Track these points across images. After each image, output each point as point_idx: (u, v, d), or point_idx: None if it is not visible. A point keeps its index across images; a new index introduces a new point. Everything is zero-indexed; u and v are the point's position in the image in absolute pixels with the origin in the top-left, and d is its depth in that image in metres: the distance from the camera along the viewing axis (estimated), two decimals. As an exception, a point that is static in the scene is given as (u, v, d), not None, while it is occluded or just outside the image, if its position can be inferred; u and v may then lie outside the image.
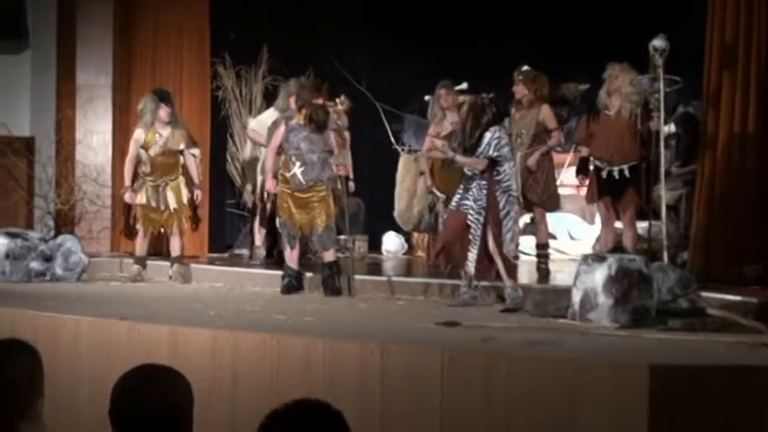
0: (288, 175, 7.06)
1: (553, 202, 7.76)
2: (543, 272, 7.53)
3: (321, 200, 7.03)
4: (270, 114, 8.51)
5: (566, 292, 5.72)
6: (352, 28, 10.31)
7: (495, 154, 6.17)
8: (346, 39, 10.23)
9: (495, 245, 6.13)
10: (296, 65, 9.31)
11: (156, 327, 5.31)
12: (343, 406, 2.16)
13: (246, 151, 9.04)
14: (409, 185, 8.67)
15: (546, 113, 7.57)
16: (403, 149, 10.59)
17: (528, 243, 10.39)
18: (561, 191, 10.66)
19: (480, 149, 6.21)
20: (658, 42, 6.43)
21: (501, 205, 6.16)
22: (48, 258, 7.92)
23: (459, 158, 6.33)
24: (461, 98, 6.54)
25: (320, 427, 2.09)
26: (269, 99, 9.38)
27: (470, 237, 6.16)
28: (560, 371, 4.08)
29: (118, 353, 5.20)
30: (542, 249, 7.69)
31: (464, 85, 8.51)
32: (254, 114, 9.44)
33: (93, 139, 9.38)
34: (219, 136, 9.68)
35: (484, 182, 6.20)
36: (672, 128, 8.79)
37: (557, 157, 11.13)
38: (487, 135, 6.19)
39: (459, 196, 6.32)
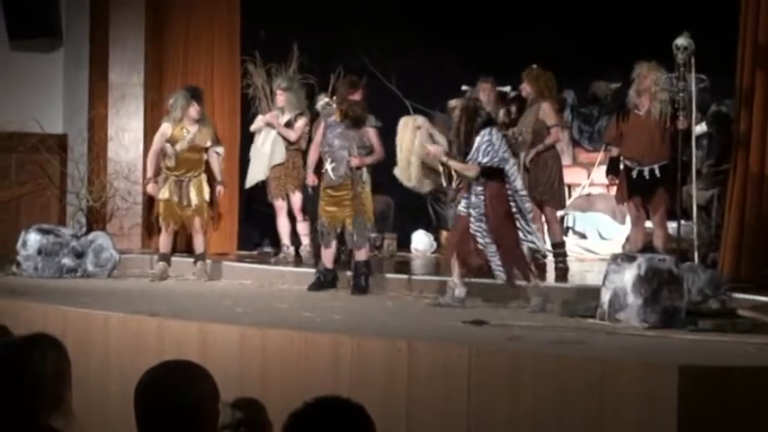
0: (323, 171, 7.13)
1: (555, 202, 7.71)
2: (561, 271, 7.47)
3: (353, 198, 7.03)
4: (275, 113, 8.58)
5: (595, 291, 5.69)
6: (383, 26, 10.30)
7: (485, 159, 6.01)
8: (376, 37, 10.23)
9: (514, 246, 6.00)
10: (326, 63, 9.32)
11: (185, 323, 5.36)
12: (370, 403, 2.17)
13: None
14: (408, 144, 8.09)
15: (545, 110, 7.55)
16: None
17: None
18: (592, 190, 10.67)
19: (470, 155, 6.10)
20: (681, 41, 6.39)
21: (513, 207, 6.02)
22: (79, 255, 7.98)
23: (452, 163, 6.22)
24: (453, 102, 6.38)
25: (344, 423, 2.09)
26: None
27: (480, 247, 6.06)
28: (588, 370, 4.07)
29: (147, 349, 5.25)
30: (559, 248, 7.64)
31: (507, 89, 8.49)
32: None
33: (125, 136, 9.45)
34: (250, 134, 9.72)
35: (480, 188, 6.07)
36: (703, 127, 8.71)
37: (587, 157, 11.11)
38: (477, 139, 6.05)
39: (464, 201, 6.22)
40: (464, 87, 8.60)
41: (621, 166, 7.23)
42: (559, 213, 10.79)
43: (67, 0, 9.43)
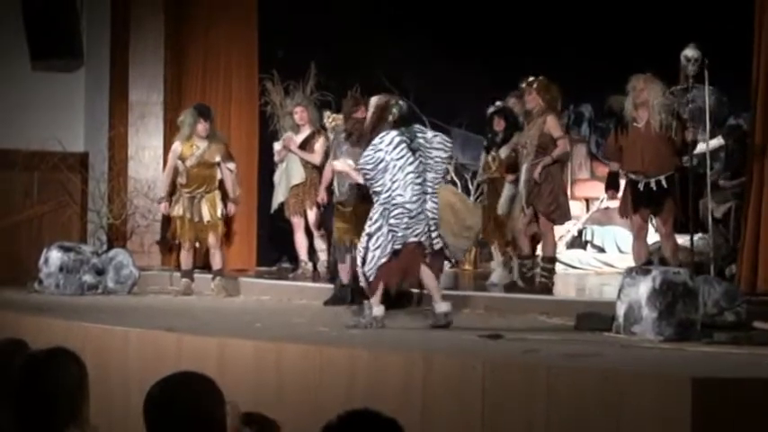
0: (332, 188, 7.23)
1: (562, 214, 7.63)
2: (543, 285, 7.26)
3: (360, 214, 7.06)
4: (289, 135, 8.65)
5: (611, 305, 5.69)
6: (400, 43, 10.39)
7: (362, 161, 5.77)
8: (394, 53, 10.32)
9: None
10: (343, 80, 9.40)
11: (202, 338, 5.42)
12: None
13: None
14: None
15: (551, 123, 7.39)
16: (449, 163, 10.62)
17: (576, 256, 10.41)
18: (610, 204, 10.66)
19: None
20: (690, 52, 6.41)
21: (374, 218, 5.75)
22: (100, 272, 8.09)
23: (353, 174, 6.06)
24: (373, 99, 6.13)
25: None
26: (316, 114, 9.47)
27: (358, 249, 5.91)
28: (602, 383, 4.08)
29: (166, 363, 5.29)
30: (547, 263, 7.39)
31: (498, 104, 8.48)
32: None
33: (145, 154, 9.57)
34: (268, 151, 9.80)
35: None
36: (720, 140, 8.71)
37: (605, 170, 11.08)
38: (372, 142, 5.78)
39: None
40: (498, 103, 8.59)
41: (624, 180, 7.20)
42: (578, 227, 10.87)
43: (88, 21, 9.57)
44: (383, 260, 5.73)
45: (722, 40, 7.52)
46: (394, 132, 5.76)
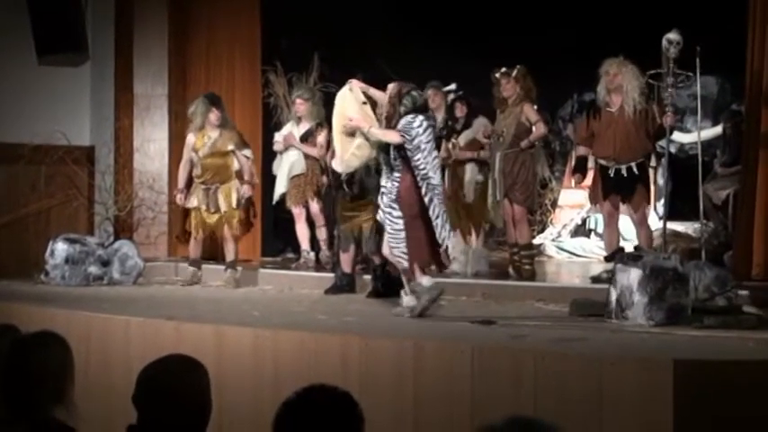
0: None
1: (533, 202, 7.65)
2: (528, 273, 7.33)
3: (368, 203, 7.16)
4: (287, 128, 8.73)
5: (605, 291, 5.76)
6: (404, 33, 10.44)
7: (403, 128, 5.71)
8: (397, 45, 10.37)
9: (423, 239, 5.67)
10: (346, 72, 9.45)
11: (201, 326, 5.52)
12: (378, 401, 2.32)
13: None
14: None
15: (527, 111, 7.37)
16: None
17: (579, 244, 10.46)
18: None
19: None
20: (672, 35, 6.43)
21: (423, 191, 5.67)
22: (105, 263, 8.18)
23: (373, 131, 5.89)
24: (390, 86, 5.95)
25: (330, 407, 2.22)
26: (319, 105, 9.53)
27: (387, 233, 5.82)
28: (587, 367, 4.16)
29: (165, 350, 5.34)
30: (527, 250, 7.47)
31: (452, 86, 8.51)
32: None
33: (150, 147, 9.67)
34: (271, 142, 9.89)
35: (397, 174, 5.78)
36: (718, 128, 8.75)
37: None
38: (401, 121, 5.75)
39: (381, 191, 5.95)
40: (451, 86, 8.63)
41: (596, 166, 7.23)
42: (582, 215, 10.91)
43: (93, 16, 9.67)
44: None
45: (727, 27, 7.53)
46: (421, 116, 5.78)
